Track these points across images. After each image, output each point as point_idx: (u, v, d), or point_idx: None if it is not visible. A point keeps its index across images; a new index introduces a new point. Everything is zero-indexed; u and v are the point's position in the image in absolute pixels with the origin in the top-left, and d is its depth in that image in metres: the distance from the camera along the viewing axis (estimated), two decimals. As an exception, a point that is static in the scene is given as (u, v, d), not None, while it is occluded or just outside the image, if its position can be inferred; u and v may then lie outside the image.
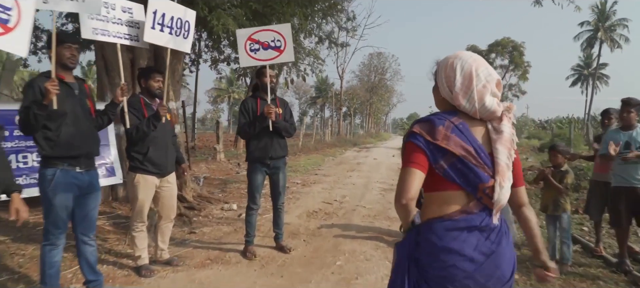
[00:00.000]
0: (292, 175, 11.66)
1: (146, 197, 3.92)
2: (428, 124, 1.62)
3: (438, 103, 1.78)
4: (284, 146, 4.64)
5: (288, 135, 4.62)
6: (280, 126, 4.47)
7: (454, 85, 1.63)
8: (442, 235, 1.58)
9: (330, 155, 20.50)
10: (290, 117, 4.73)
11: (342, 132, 39.73)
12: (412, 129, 1.64)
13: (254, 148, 4.47)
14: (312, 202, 7.68)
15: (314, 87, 74.25)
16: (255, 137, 4.44)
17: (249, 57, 4.57)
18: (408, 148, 1.62)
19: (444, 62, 1.69)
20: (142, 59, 6.34)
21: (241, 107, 4.53)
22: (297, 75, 14.68)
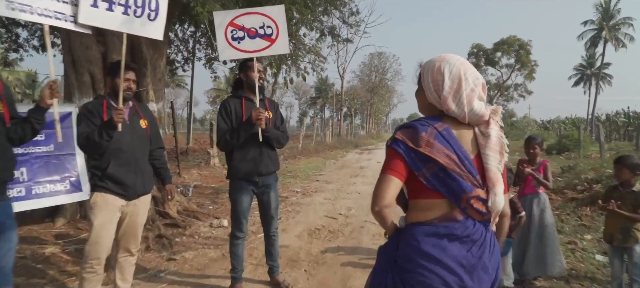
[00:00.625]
0: (292, 182, 10.76)
1: (104, 224, 2.97)
2: (411, 130, 1.58)
3: (423, 108, 1.72)
4: (275, 159, 3.74)
5: (279, 146, 3.72)
6: (271, 135, 3.57)
7: (441, 89, 1.59)
8: (421, 239, 1.56)
9: (332, 158, 19.62)
10: (282, 123, 3.82)
11: (343, 133, 38.92)
12: (394, 135, 1.60)
13: (238, 163, 3.55)
14: (314, 216, 6.76)
15: (314, 87, 73.47)
16: (239, 148, 3.53)
17: (231, 48, 3.61)
18: (388, 154, 1.60)
19: (430, 65, 1.64)
20: (116, 53, 5.42)
21: (221, 110, 3.60)
22: (297, 75, 13.76)
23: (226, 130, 3.50)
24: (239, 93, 3.66)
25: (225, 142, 3.49)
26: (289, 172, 12.85)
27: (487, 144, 1.59)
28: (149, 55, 5.78)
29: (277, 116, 3.78)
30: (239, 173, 3.55)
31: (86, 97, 5.37)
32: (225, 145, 3.52)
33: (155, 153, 3.33)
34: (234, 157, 3.54)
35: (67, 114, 4.98)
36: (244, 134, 3.44)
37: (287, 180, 10.96)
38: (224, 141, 3.50)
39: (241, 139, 3.44)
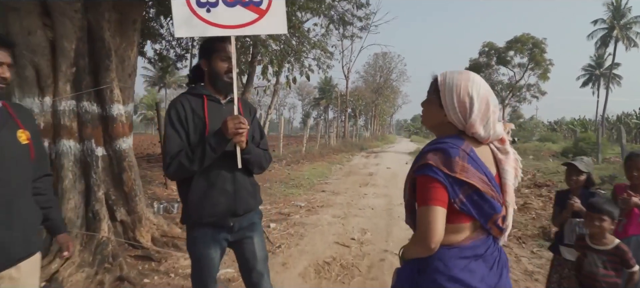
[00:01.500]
0: (295, 193, 9.53)
1: None
2: (442, 154, 1.49)
3: (435, 123, 1.64)
4: (256, 190, 2.54)
5: (259, 172, 2.52)
6: (252, 159, 2.38)
7: (470, 112, 1.52)
8: (451, 264, 1.50)
9: (337, 162, 18.40)
10: (262, 138, 2.60)
11: (348, 135, 37.76)
12: (426, 161, 1.49)
13: (200, 200, 2.31)
14: (322, 243, 5.53)
15: (317, 88, 72.35)
16: (202, 175, 2.31)
17: (196, 19, 2.30)
18: (426, 183, 1.48)
19: (454, 84, 1.54)
20: (68, 39, 4.22)
21: (170, 114, 2.33)
22: (301, 73, 12.55)
23: (179, 149, 2.25)
24: (199, 89, 2.43)
25: (179, 167, 2.22)
26: (291, 181, 11.63)
27: (507, 160, 1.60)
28: (113, 44, 4.57)
29: (254, 126, 2.55)
30: (202, 216, 2.32)
31: (29, 97, 4.17)
32: (178, 172, 2.26)
33: (40, 185, 2.09)
34: (193, 191, 2.30)
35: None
36: (210, 155, 2.21)
37: (290, 191, 9.74)
38: (176, 165, 2.22)
39: (205, 162, 2.22)
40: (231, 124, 2.17)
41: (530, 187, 9.97)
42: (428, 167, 1.48)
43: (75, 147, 4.28)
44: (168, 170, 2.26)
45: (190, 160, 2.20)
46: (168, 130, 2.30)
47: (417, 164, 1.54)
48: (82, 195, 4.29)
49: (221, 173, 2.33)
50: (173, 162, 2.23)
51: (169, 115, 2.32)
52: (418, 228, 1.48)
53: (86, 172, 4.35)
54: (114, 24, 4.55)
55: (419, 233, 1.47)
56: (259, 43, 11.12)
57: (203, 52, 2.42)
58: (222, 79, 2.37)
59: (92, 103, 4.45)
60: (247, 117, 2.53)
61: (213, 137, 2.22)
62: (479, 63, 32.49)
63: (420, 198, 1.48)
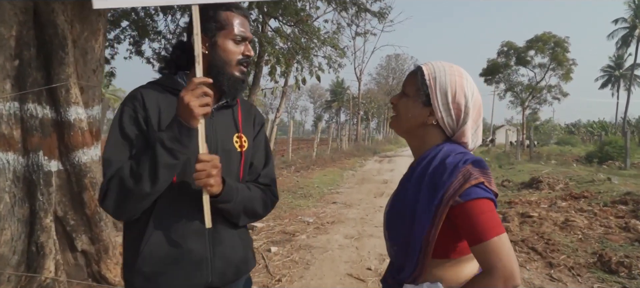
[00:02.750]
0: (302, 205, 8.57)
1: None
2: (481, 166, 1.23)
3: (414, 127, 1.34)
4: (248, 248, 1.62)
5: (253, 220, 1.63)
6: (233, 209, 1.49)
7: (465, 116, 1.29)
8: None
9: (349, 168, 17.44)
10: (266, 165, 1.67)
11: (360, 138, 36.81)
12: (477, 179, 1.18)
13: (155, 262, 1.42)
14: (332, 275, 4.54)
15: (329, 90, 71.57)
16: (160, 225, 1.42)
17: None
18: (486, 207, 1.17)
19: (449, 80, 1.28)
20: (6, 25, 3.31)
21: (120, 114, 1.44)
22: (311, 73, 11.60)
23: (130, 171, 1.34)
24: (178, 81, 1.52)
25: (120, 191, 1.34)
26: (300, 190, 10.69)
27: None
28: (70, 32, 3.65)
29: (258, 144, 1.66)
30: (153, 282, 1.43)
31: (-43, 98, 3.27)
32: (120, 201, 1.36)
33: None
34: (147, 245, 1.41)
35: None
36: (167, 162, 1.33)
37: (297, 203, 8.79)
38: (116, 189, 1.34)
39: (160, 176, 1.33)
40: (191, 98, 1.29)
41: (566, 199, 8.86)
42: (484, 188, 1.20)
43: (15, 161, 3.36)
44: (105, 200, 1.35)
45: (135, 175, 1.31)
46: (113, 136, 1.40)
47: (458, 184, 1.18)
48: (25, 224, 3.37)
49: (191, 225, 1.43)
50: (111, 184, 1.33)
51: (121, 113, 1.42)
52: (497, 266, 1.14)
53: (31, 193, 3.43)
54: (71, 7, 3.63)
55: (503, 271, 1.13)
56: (264, 41, 10.22)
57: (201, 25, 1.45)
58: (230, 72, 1.48)
59: (42, 105, 3.53)
60: (247, 129, 1.60)
61: (167, 130, 1.33)
62: (497, 63, 31.11)
63: (483, 228, 1.16)
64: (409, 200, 1.28)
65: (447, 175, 1.20)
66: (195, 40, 1.36)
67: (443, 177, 1.20)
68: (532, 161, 19.67)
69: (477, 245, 1.15)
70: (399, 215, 1.32)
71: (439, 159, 1.26)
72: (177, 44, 1.60)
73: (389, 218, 1.39)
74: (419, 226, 1.23)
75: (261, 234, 6.06)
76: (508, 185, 11.54)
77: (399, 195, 1.37)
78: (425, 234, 1.22)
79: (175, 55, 1.56)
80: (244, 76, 1.52)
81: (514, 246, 5.56)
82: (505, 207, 8.29)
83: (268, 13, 9.67)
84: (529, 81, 31.24)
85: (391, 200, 1.42)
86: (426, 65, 1.34)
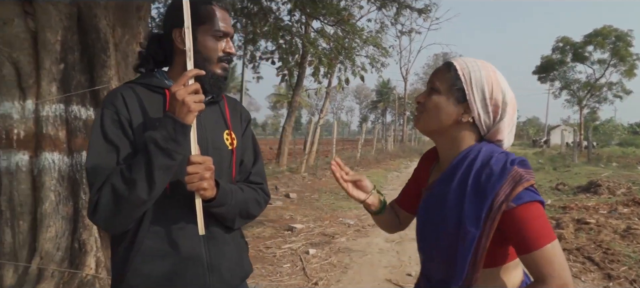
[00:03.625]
0: (344, 206, 8.48)
1: None
2: (529, 167, 1.15)
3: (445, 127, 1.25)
4: (243, 253, 1.56)
5: (246, 222, 1.52)
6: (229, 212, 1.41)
7: (503, 112, 1.22)
8: None
9: (394, 169, 17.19)
10: (255, 162, 1.59)
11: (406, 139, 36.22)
12: (529, 181, 1.11)
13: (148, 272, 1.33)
14: (370, 280, 4.42)
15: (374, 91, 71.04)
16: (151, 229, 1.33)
17: None
18: (538, 212, 1.11)
19: (484, 76, 1.21)
20: (52, 30, 3.44)
21: (101, 118, 1.32)
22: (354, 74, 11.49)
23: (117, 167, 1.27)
24: (157, 78, 1.43)
25: (112, 198, 1.22)
26: (342, 191, 10.53)
27: None
28: (112, 36, 3.76)
29: (246, 142, 1.58)
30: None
31: (8, 100, 3.43)
32: (113, 211, 1.24)
33: None
34: (138, 254, 1.32)
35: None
36: (162, 163, 1.22)
37: (339, 204, 8.71)
38: (108, 198, 1.23)
39: (157, 179, 1.22)
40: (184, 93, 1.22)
41: (629, 204, 8.24)
42: (534, 190, 1.13)
43: (61, 161, 3.49)
44: (96, 213, 1.25)
45: (129, 181, 1.21)
46: (96, 143, 1.30)
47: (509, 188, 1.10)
48: (68, 222, 3.49)
49: (186, 228, 1.36)
50: (102, 194, 1.23)
51: (101, 118, 1.32)
52: (552, 275, 1.08)
53: (75, 192, 3.55)
54: (113, 11, 3.73)
55: (557, 281, 1.07)
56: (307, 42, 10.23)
57: (175, 18, 1.37)
58: (211, 69, 1.39)
59: (85, 107, 3.65)
60: (236, 127, 1.54)
61: (160, 129, 1.23)
62: (552, 60, 29.59)
63: (536, 234, 1.09)
64: (451, 209, 1.18)
65: (496, 179, 1.11)
66: (186, 33, 1.28)
67: (491, 180, 1.12)
68: (590, 163, 18.56)
69: (529, 254, 1.09)
70: (439, 225, 1.23)
71: (480, 161, 1.17)
72: (152, 37, 1.49)
73: (425, 229, 1.30)
74: (467, 236, 1.13)
75: (300, 236, 6.03)
76: (563, 189, 10.92)
77: (435, 203, 1.27)
78: (475, 244, 1.13)
79: (152, 50, 1.46)
80: (225, 73, 1.42)
81: (567, 255, 5.20)
82: (559, 212, 7.82)
83: (310, 14, 9.66)
84: (587, 78, 29.51)
85: (424, 209, 1.32)
86: (457, 60, 1.26)
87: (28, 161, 3.45)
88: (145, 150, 1.22)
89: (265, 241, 5.70)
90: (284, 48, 10.21)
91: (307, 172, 13.70)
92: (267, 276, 4.43)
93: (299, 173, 13.18)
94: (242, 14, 9.57)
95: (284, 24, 9.83)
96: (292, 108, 15.40)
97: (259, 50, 11.77)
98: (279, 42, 9.91)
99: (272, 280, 4.31)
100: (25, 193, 3.44)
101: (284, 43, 10.12)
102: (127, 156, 1.29)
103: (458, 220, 1.16)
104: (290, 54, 10.65)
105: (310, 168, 14.38)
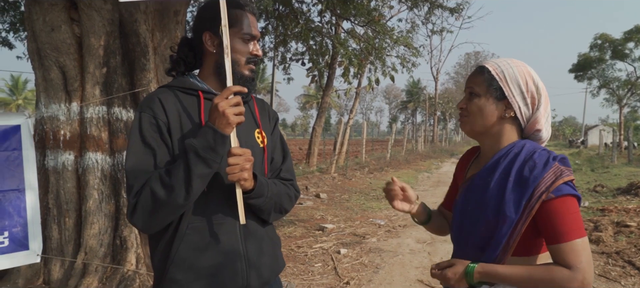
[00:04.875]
0: (374, 207, 8.47)
1: None
2: (569, 165, 1.22)
3: (489, 126, 1.32)
4: (277, 248, 1.59)
5: (278, 217, 1.57)
6: (264, 206, 1.45)
7: (539, 102, 1.29)
8: None
9: (425, 169, 16.99)
10: (284, 160, 1.63)
11: (436, 139, 35.74)
12: (568, 176, 1.18)
13: (188, 267, 1.38)
14: (401, 280, 4.41)
15: (404, 91, 70.34)
16: (191, 226, 1.38)
17: None
18: (573, 207, 1.18)
19: (516, 71, 1.29)
20: (96, 35, 3.60)
21: (139, 123, 1.37)
22: (384, 74, 11.45)
23: (155, 171, 1.33)
24: (191, 81, 1.49)
25: (151, 202, 1.28)
26: (372, 191, 10.60)
27: None
28: (151, 40, 3.90)
29: (275, 141, 1.62)
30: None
31: (55, 103, 3.62)
32: (150, 213, 1.30)
33: None
34: (177, 251, 1.38)
35: (12, 128, 3.23)
36: (200, 171, 1.29)
37: (369, 205, 8.70)
38: (146, 201, 1.28)
39: (194, 186, 1.28)
40: (226, 106, 1.27)
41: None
42: (573, 185, 1.20)
43: (103, 160, 3.65)
44: (134, 214, 1.30)
45: (168, 186, 1.26)
46: (135, 146, 1.35)
47: (550, 180, 1.17)
48: (111, 219, 3.64)
49: (225, 222, 1.41)
50: (141, 197, 1.28)
51: (140, 121, 1.37)
52: (578, 267, 1.14)
53: (116, 190, 3.70)
54: (152, 16, 3.87)
55: (582, 273, 1.14)
56: (337, 42, 10.26)
57: (205, 22, 1.45)
58: (239, 71, 1.43)
59: (126, 109, 3.80)
60: (266, 127, 1.59)
61: (200, 138, 1.29)
62: (590, 58, 28.56)
63: (569, 228, 1.16)
64: (492, 197, 1.26)
65: (539, 171, 1.19)
66: (224, 32, 1.33)
67: (534, 172, 1.19)
68: (630, 164, 17.84)
69: (559, 244, 1.16)
70: (478, 212, 1.30)
71: (524, 155, 1.25)
72: (183, 41, 1.54)
73: (463, 218, 1.37)
74: (506, 220, 1.21)
75: (331, 235, 6.07)
76: (601, 191, 10.55)
77: (476, 192, 1.33)
78: (511, 230, 1.21)
79: (183, 54, 1.50)
80: (253, 74, 1.47)
81: (606, 258, 5.06)
82: (598, 214, 7.58)
83: (341, 15, 9.69)
84: (628, 76, 28.35)
85: (463, 199, 1.39)
86: (489, 63, 1.34)
87: (73, 161, 3.62)
88: (185, 158, 1.27)
89: (296, 240, 5.77)
90: (314, 49, 10.28)
91: (337, 172, 13.73)
92: (299, 275, 4.49)
93: (329, 174, 13.22)
94: (273, 16, 9.69)
95: (314, 25, 9.89)
96: (322, 109, 15.45)
97: (290, 51, 11.86)
98: (309, 43, 9.98)
99: (304, 279, 4.37)
100: (70, 191, 3.62)
101: (314, 44, 10.19)
102: (164, 158, 1.35)
103: (498, 207, 1.23)
104: (321, 55, 10.70)
105: (340, 169, 14.40)
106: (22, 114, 3.27)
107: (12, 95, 53.47)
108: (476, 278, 1.23)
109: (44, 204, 3.54)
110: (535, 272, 1.19)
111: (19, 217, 3.20)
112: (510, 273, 1.19)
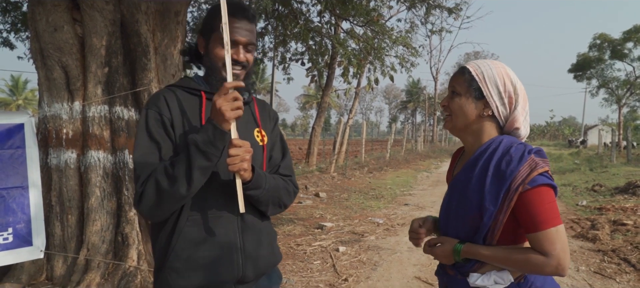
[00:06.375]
0: (373, 206, 8.53)
1: None
2: (545, 157, 1.30)
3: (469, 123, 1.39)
4: (273, 241, 1.66)
5: (277, 212, 1.63)
6: (262, 198, 1.51)
7: (516, 102, 1.37)
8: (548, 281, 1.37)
9: (424, 169, 17.04)
10: (284, 157, 1.69)
11: (436, 139, 35.78)
12: (543, 167, 1.26)
13: (187, 258, 1.45)
14: (399, 277, 4.47)
15: (404, 91, 70.38)
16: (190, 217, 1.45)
17: None
18: (548, 196, 1.25)
19: (495, 72, 1.37)
20: (98, 35, 3.66)
21: (146, 119, 1.46)
22: (383, 74, 11.50)
23: (161, 163, 1.41)
24: (195, 82, 1.57)
25: (155, 192, 1.36)
26: (371, 191, 10.65)
27: None
28: (152, 40, 3.95)
29: (274, 139, 1.68)
30: (190, 284, 1.46)
31: (57, 102, 3.67)
32: (155, 202, 1.38)
33: None
34: (177, 241, 1.45)
35: (15, 126, 3.28)
36: (201, 163, 1.35)
37: (368, 204, 8.76)
38: (151, 191, 1.37)
39: (194, 178, 1.35)
40: (222, 102, 1.33)
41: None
42: (548, 176, 1.27)
43: (105, 158, 3.70)
44: (141, 202, 1.38)
45: (171, 177, 1.34)
46: (142, 140, 1.44)
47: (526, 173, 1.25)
48: (113, 216, 3.70)
49: (222, 216, 1.48)
50: (147, 187, 1.37)
51: (146, 118, 1.46)
52: (552, 253, 1.23)
53: (118, 188, 3.76)
54: (153, 16, 3.93)
55: (557, 259, 1.22)
56: (336, 43, 10.31)
57: (201, 26, 1.58)
58: (217, 74, 1.50)
59: (128, 108, 3.86)
60: (266, 126, 1.65)
61: (201, 133, 1.36)
62: (589, 58, 28.62)
63: (545, 217, 1.23)
64: (473, 191, 1.33)
65: (515, 164, 1.26)
66: (224, 29, 1.40)
67: (510, 166, 1.27)
68: (629, 164, 17.89)
69: (536, 233, 1.24)
70: (462, 208, 1.37)
71: (501, 150, 1.32)
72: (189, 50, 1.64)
73: (448, 214, 1.44)
74: (486, 213, 1.29)
75: (330, 233, 6.13)
76: (599, 190, 10.60)
77: (459, 188, 1.41)
78: (492, 222, 1.29)
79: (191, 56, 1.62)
80: (236, 78, 1.48)
81: (602, 256, 5.11)
82: (595, 213, 7.64)
83: (340, 15, 9.74)
84: (627, 76, 28.41)
85: (448, 196, 1.47)
86: (470, 63, 1.42)
87: (75, 159, 3.68)
88: (186, 151, 1.35)
89: (296, 238, 5.82)
90: (313, 49, 10.32)
91: (336, 171, 13.78)
92: (298, 272, 4.55)
93: (329, 173, 13.28)
94: (273, 16, 9.74)
95: (313, 25, 9.94)
96: (322, 108, 15.51)
97: (289, 51, 11.91)
98: (308, 43, 10.03)
99: (303, 276, 4.42)
100: (73, 189, 3.67)
101: (314, 44, 10.24)
102: (168, 152, 1.44)
103: (479, 203, 1.31)
104: (320, 54, 10.75)
105: (339, 168, 14.46)
106: (26, 113, 3.33)
107: (12, 95, 53.59)
108: (462, 255, 1.34)
109: (47, 201, 3.59)
110: (513, 254, 1.28)
111: (22, 213, 3.25)
112: (492, 254, 1.30)
